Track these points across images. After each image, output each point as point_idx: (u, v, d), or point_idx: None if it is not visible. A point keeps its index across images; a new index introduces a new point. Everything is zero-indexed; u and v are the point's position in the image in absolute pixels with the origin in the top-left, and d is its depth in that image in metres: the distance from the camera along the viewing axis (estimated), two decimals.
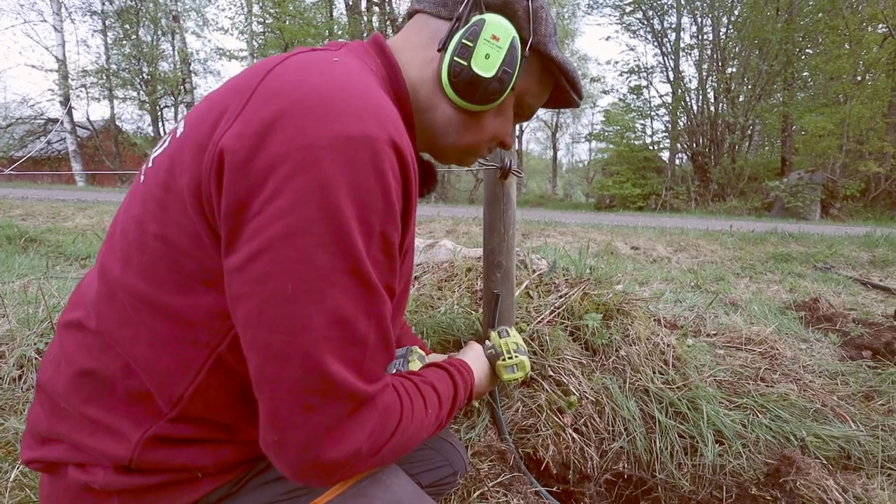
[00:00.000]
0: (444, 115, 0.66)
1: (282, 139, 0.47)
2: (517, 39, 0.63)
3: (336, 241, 0.47)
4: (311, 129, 0.47)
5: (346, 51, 0.62)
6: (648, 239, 6.17)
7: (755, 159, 17.69)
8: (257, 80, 0.52)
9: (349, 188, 0.47)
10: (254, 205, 0.47)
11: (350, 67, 0.55)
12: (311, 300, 0.47)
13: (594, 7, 21.51)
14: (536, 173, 41.21)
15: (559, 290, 1.76)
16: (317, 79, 0.51)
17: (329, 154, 0.46)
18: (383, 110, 0.52)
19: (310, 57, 0.55)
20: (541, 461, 1.35)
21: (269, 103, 0.49)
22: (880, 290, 3.69)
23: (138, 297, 0.55)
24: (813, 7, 15.20)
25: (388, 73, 0.64)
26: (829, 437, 1.49)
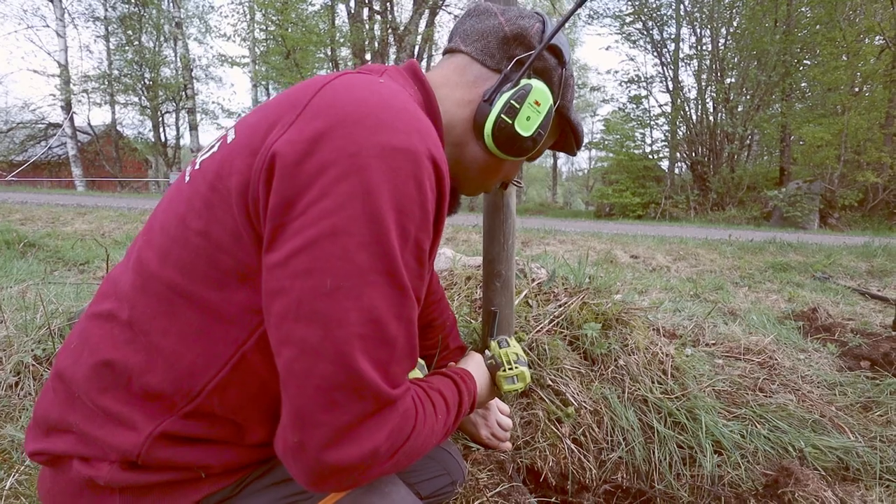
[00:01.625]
0: (472, 154, 0.74)
1: (332, 147, 0.51)
2: (552, 106, 0.72)
3: (376, 242, 0.50)
4: (360, 139, 0.51)
5: (388, 75, 0.68)
6: (648, 248, 6.18)
7: (754, 169, 17.76)
8: (310, 94, 0.56)
9: (391, 195, 0.51)
10: (300, 204, 0.50)
11: (394, 88, 0.60)
12: (349, 297, 0.50)
13: (594, 17, 21.64)
14: (536, 181, 41.31)
15: (558, 299, 1.77)
16: (366, 95, 0.55)
17: (375, 162, 0.50)
18: (425, 128, 0.56)
19: (357, 77, 0.60)
20: (539, 472, 1.35)
21: (321, 115, 0.53)
22: (878, 299, 3.70)
23: (175, 290, 0.58)
24: (811, 19, 15.35)
25: (424, 99, 0.69)
26: (827, 447, 1.48)
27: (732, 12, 17.60)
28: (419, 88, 0.69)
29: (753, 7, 16.20)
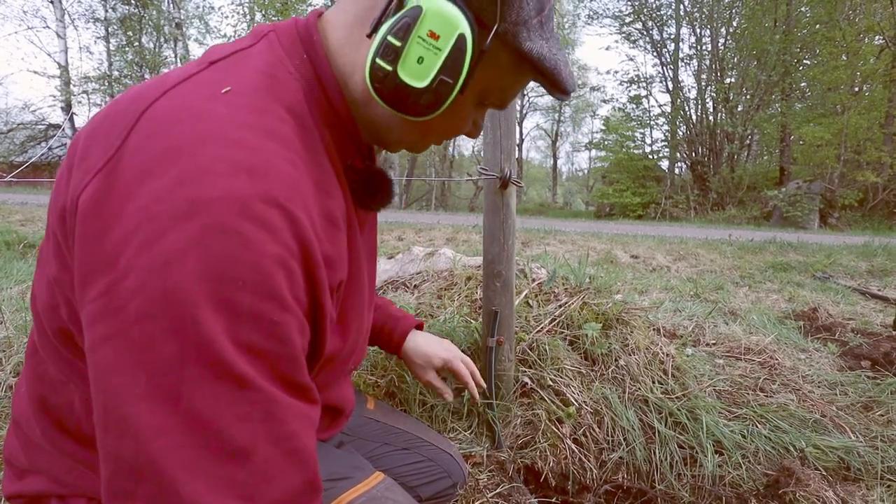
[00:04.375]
0: (382, 114, 0.55)
1: (135, 209, 0.40)
2: (466, 37, 0.47)
3: (179, 326, 0.39)
4: (164, 195, 0.40)
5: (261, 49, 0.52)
6: (648, 248, 6.18)
7: (754, 169, 17.77)
8: (125, 130, 0.44)
9: (199, 262, 0.39)
10: (100, 282, 0.40)
11: (241, 101, 0.46)
12: (162, 399, 0.39)
13: (594, 17, 21.73)
14: (537, 181, 41.34)
15: (558, 299, 1.77)
16: (185, 131, 0.43)
17: (178, 223, 0.39)
18: (268, 159, 0.43)
19: (192, 92, 0.46)
20: (540, 472, 1.34)
21: (130, 166, 0.42)
22: (879, 299, 3.69)
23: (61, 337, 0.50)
24: (810, 19, 15.36)
25: (314, 71, 0.53)
26: (828, 447, 1.48)
27: (732, 12, 17.61)
28: (310, 55, 0.53)
29: (753, 7, 16.21)
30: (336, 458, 0.70)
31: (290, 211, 0.42)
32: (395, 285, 2.08)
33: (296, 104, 0.50)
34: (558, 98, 0.58)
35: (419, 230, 7.02)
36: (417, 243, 5.96)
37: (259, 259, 0.40)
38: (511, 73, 0.54)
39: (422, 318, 1.75)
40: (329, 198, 0.50)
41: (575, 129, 37.43)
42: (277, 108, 0.48)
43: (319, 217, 0.47)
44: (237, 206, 0.40)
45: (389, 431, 0.88)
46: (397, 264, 2.25)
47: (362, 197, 0.59)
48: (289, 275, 0.42)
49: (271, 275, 0.41)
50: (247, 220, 0.40)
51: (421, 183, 26.52)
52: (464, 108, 0.55)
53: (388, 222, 8.00)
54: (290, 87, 0.50)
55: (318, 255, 0.45)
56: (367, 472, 0.70)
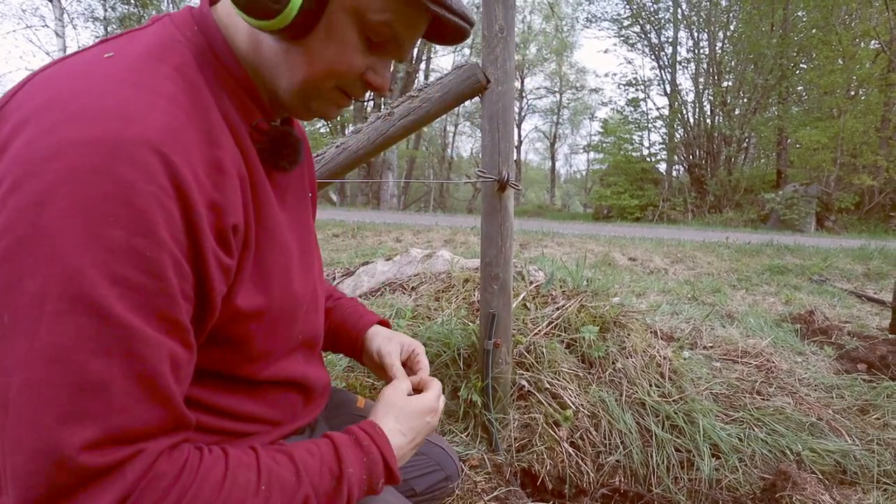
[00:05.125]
0: (268, 52, 0.55)
1: (10, 156, 0.42)
2: None
3: (47, 261, 0.39)
4: (37, 141, 0.42)
5: (154, 28, 0.54)
6: (646, 250, 6.19)
7: (751, 172, 17.82)
8: (11, 93, 0.47)
9: (70, 198, 0.40)
10: None
11: (122, 63, 0.48)
12: (22, 335, 0.40)
13: (592, 21, 21.80)
14: (535, 183, 41.41)
15: (556, 301, 1.77)
16: (65, 85, 0.45)
17: (49, 164, 0.40)
18: (143, 107, 0.44)
19: (73, 61, 0.49)
20: (537, 476, 1.34)
21: (8, 119, 0.44)
22: (875, 302, 3.71)
23: None
24: (807, 23, 15.43)
25: (205, 39, 0.55)
26: (824, 451, 1.49)
27: (729, 16, 17.69)
28: (201, 27, 0.55)
29: (750, 11, 16.28)
30: None
31: (164, 154, 0.44)
32: (392, 287, 2.07)
33: (185, 66, 0.52)
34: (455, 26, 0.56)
35: (417, 232, 7.02)
36: (415, 245, 5.96)
37: (131, 196, 0.41)
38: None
39: (419, 320, 1.75)
40: (216, 148, 0.50)
41: (573, 131, 37.55)
42: (163, 68, 0.49)
43: (203, 163, 0.48)
44: (108, 148, 0.41)
45: None
46: (395, 266, 2.25)
47: (269, 157, 0.60)
48: (164, 214, 0.43)
49: (145, 211, 0.42)
50: (118, 160, 0.41)
51: (419, 185, 26.54)
52: (340, 28, 0.53)
53: (386, 224, 8.00)
54: (179, 51, 0.52)
55: (195, 197, 0.46)
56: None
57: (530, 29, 28.17)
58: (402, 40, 0.56)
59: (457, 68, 1.36)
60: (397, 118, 1.38)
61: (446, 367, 1.56)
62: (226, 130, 0.53)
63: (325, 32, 0.52)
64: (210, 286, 0.49)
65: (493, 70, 1.32)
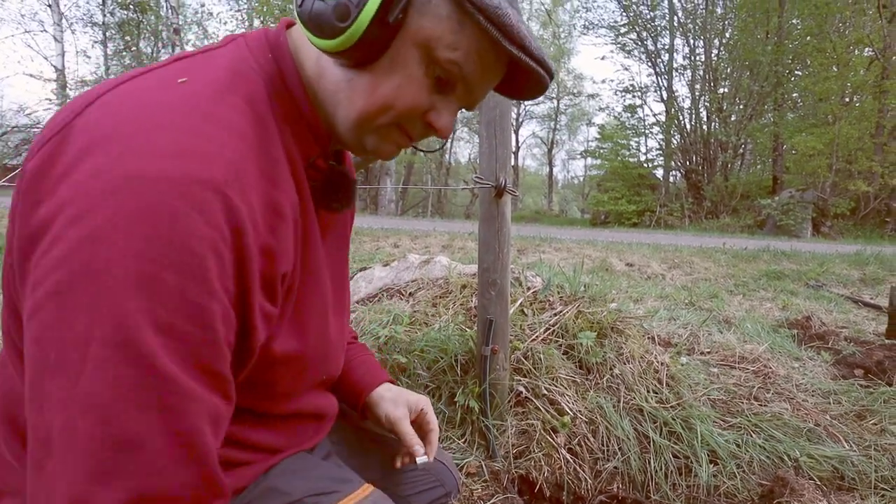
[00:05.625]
0: (331, 79, 0.53)
1: (72, 182, 0.40)
2: None
3: (95, 301, 0.38)
4: (103, 170, 0.40)
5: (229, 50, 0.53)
6: (643, 256, 6.21)
7: (747, 177, 17.91)
8: (77, 110, 0.45)
9: (126, 238, 0.38)
10: (34, 255, 0.40)
11: (194, 91, 0.46)
12: (66, 376, 0.38)
13: (589, 28, 21.90)
14: (533, 189, 41.51)
15: (553, 307, 1.77)
16: (133, 112, 0.43)
17: (110, 199, 0.39)
18: (211, 146, 0.43)
19: (147, 81, 0.47)
20: (534, 482, 1.34)
21: (75, 141, 0.42)
22: (871, 307, 3.72)
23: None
24: (801, 31, 15.58)
25: (277, 66, 0.53)
26: (822, 457, 1.48)
27: (725, 24, 17.85)
28: (274, 54, 0.54)
29: (745, 19, 16.44)
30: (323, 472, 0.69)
31: (227, 196, 0.42)
32: (390, 293, 2.07)
33: (255, 96, 0.50)
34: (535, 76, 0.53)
35: (415, 237, 7.02)
36: (413, 250, 5.95)
37: (189, 240, 0.40)
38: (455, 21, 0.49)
39: (416, 327, 1.75)
40: (276, 189, 0.49)
41: (571, 137, 37.72)
42: (234, 99, 0.48)
43: (261, 206, 0.46)
44: (172, 187, 0.40)
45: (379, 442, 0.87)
46: (392, 272, 2.25)
47: (322, 196, 0.58)
48: (218, 260, 0.41)
49: (201, 257, 0.40)
50: (181, 201, 0.40)
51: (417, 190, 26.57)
52: (406, 60, 0.50)
53: (384, 229, 8.00)
54: (252, 80, 0.51)
55: (251, 243, 0.44)
56: (355, 484, 0.68)
57: None
58: (472, 84, 0.53)
59: None
60: None
61: (443, 374, 1.55)
62: (286, 168, 0.52)
63: (390, 63, 0.50)
64: (253, 335, 0.48)
65: None
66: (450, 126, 0.56)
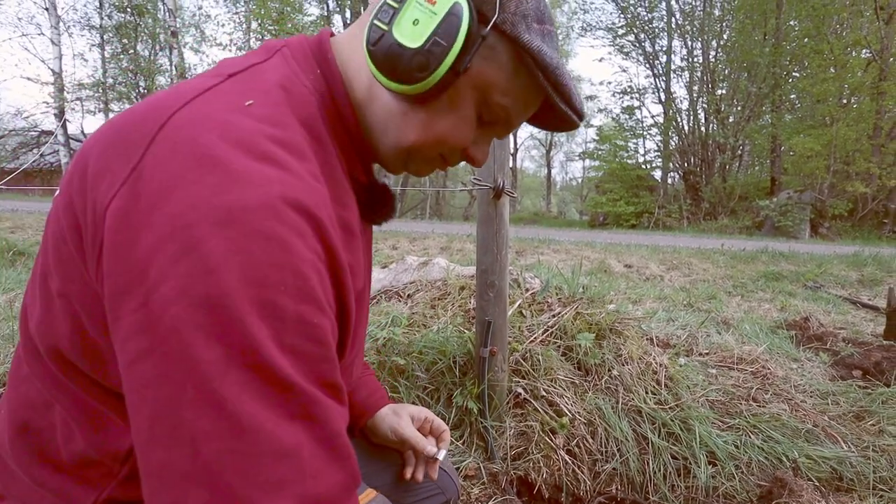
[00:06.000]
0: (383, 107, 0.54)
1: (166, 216, 0.40)
2: (463, 7, 0.48)
3: (225, 331, 0.39)
4: (199, 203, 0.40)
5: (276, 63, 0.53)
6: (641, 257, 6.21)
7: (745, 179, 17.96)
8: (146, 139, 0.44)
9: (242, 267, 0.39)
10: (137, 292, 0.40)
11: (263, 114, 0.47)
12: (211, 404, 0.39)
13: (587, 30, 21.95)
14: (531, 191, 41.55)
15: (552, 309, 1.77)
16: (212, 139, 0.43)
17: (216, 230, 0.39)
18: (291, 171, 0.44)
19: (214, 103, 0.47)
20: (533, 484, 1.34)
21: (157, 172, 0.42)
22: (869, 308, 3.73)
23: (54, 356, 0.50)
24: (799, 32, 15.64)
25: (326, 85, 0.54)
26: (820, 458, 1.49)
27: (722, 25, 17.92)
28: (323, 70, 0.55)
29: (743, 20, 16.50)
30: None
31: (317, 217, 0.44)
32: (388, 295, 2.07)
33: (310, 118, 0.51)
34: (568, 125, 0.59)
35: (413, 239, 7.02)
36: (411, 252, 5.95)
37: (297, 263, 0.41)
38: (511, 73, 0.53)
39: (414, 328, 1.75)
40: (344, 208, 0.51)
41: (569, 138, 37.76)
42: (295, 122, 0.49)
43: (338, 226, 0.48)
44: (273, 213, 0.41)
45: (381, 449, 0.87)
46: (391, 273, 2.25)
47: (367, 210, 0.60)
48: (320, 278, 0.44)
49: (309, 278, 0.42)
50: (283, 225, 0.41)
51: (416, 192, 26.58)
52: (463, 102, 0.54)
53: (382, 231, 8.00)
54: (306, 100, 0.52)
55: (343, 260, 0.47)
56: (359, 489, 0.68)
57: None
58: (512, 122, 0.58)
59: None
60: None
61: (442, 375, 1.55)
62: (346, 186, 0.53)
63: (449, 104, 0.53)
64: (346, 346, 0.50)
65: None
66: (485, 158, 0.61)
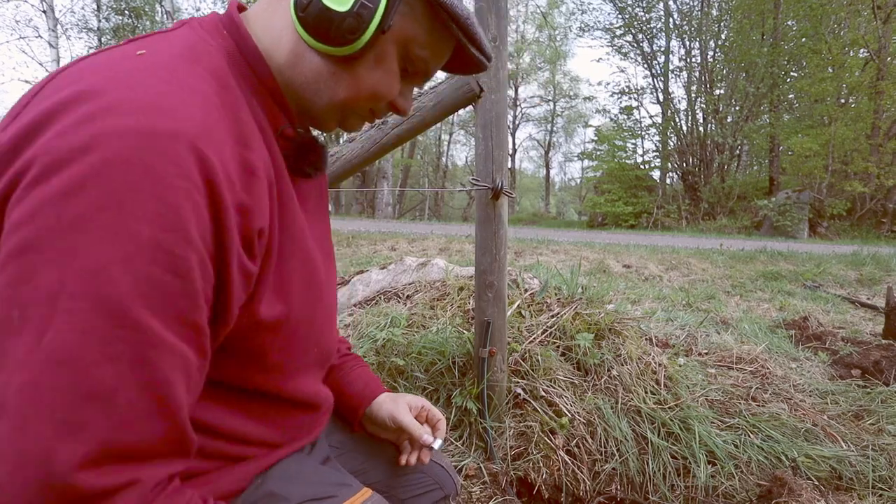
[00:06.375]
0: (311, 67, 0.56)
1: (38, 146, 0.40)
2: None
3: (68, 255, 0.38)
4: (71, 132, 0.40)
5: (183, 31, 0.54)
6: (640, 257, 6.22)
7: (744, 179, 17.98)
8: (47, 80, 0.46)
9: (101, 191, 0.38)
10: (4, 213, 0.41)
11: (155, 59, 0.47)
12: (30, 332, 0.37)
13: (585, 30, 22.01)
14: (529, 191, 41.58)
15: (551, 309, 1.77)
16: (98, 77, 0.44)
17: (82, 156, 0.39)
18: (178, 102, 0.44)
19: (108, 54, 0.48)
20: (533, 484, 1.34)
21: (42, 103, 0.43)
22: (868, 308, 3.73)
23: None
24: (797, 32, 15.66)
25: (236, 44, 0.55)
26: (820, 457, 1.49)
27: (720, 25, 17.95)
28: (231, 32, 0.56)
29: (741, 20, 16.53)
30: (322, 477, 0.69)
31: (199, 149, 0.43)
32: (387, 296, 2.07)
33: (217, 69, 0.51)
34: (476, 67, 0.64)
35: (412, 240, 7.02)
36: (410, 253, 5.95)
37: (163, 191, 0.40)
38: (428, 27, 0.56)
39: (413, 329, 1.75)
40: (247, 149, 0.50)
41: (567, 139, 37.79)
42: (196, 68, 0.49)
43: (234, 163, 0.47)
44: (142, 140, 0.40)
45: (379, 444, 0.87)
46: (390, 275, 2.25)
47: (294, 162, 0.60)
48: (195, 211, 0.42)
49: (176, 207, 0.41)
50: (151, 153, 0.40)
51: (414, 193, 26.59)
52: (388, 57, 0.56)
53: (381, 232, 8.00)
54: (212, 55, 0.52)
55: (226, 197, 0.45)
56: (353, 488, 0.68)
57: (524, 38, 28.44)
58: (430, 72, 0.63)
59: (450, 77, 1.37)
60: (391, 127, 1.39)
61: (441, 376, 1.55)
62: (257, 133, 0.53)
63: (375, 60, 0.56)
64: (230, 292, 0.48)
65: (487, 79, 1.33)
66: (410, 106, 0.65)
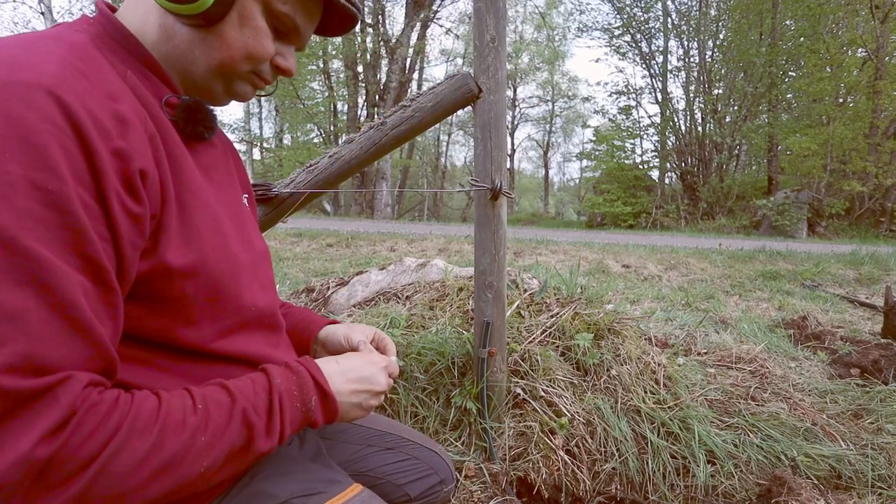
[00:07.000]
0: (182, 40, 0.59)
1: None
2: None
3: None
4: None
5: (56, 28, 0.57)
6: (639, 257, 6.22)
7: (743, 178, 18.00)
8: None
9: None
10: None
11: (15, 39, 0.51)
12: None
13: (584, 30, 21.99)
14: (528, 191, 41.59)
15: (550, 309, 1.77)
16: None
17: None
18: (33, 59, 0.47)
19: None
20: (532, 484, 1.34)
21: None
22: (867, 307, 3.74)
23: None
24: (795, 32, 15.69)
25: (103, 27, 0.58)
26: (819, 456, 1.49)
27: (718, 25, 17.96)
28: (96, 20, 0.59)
29: (739, 20, 16.56)
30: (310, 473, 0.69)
31: (58, 95, 0.45)
32: (386, 296, 2.07)
33: (78, 43, 0.53)
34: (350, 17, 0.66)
35: (411, 241, 7.01)
36: (409, 254, 5.95)
37: (26, 133, 0.43)
38: None
39: (413, 329, 1.75)
40: (116, 103, 0.51)
41: (566, 139, 37.83)
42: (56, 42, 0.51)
43: (104, 113, 0.49)
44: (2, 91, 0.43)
45: (372, 433, 0.87)
46: (389, 275, 2.25)
47: (185, 126, 0.62)
48: (64, 151, 0.44)
49: (42, 146, 0.43)
50: (10, 101, 0.43)
51: (413, 194, 26.59)
52: (251, 14, 0.59)
53: (380, 233, 8.00)
54: (75, 35, 0.55)
55: (95, 139, 0.46)
56: (343, 484, 0.68)
57: (522, 39, 28.46)
58: (301, 30, 0.64)
59: (449, 78, 1.37)
60: (390, 128, 1.39)
61: (441, 376, 1.55)
62: (128, 92, 0.54)
63: (238, 19, 0.59)
64: (117, 231, 0.49)
65: (485, 79, 1.33)
66: (294, 66, 0.67)
